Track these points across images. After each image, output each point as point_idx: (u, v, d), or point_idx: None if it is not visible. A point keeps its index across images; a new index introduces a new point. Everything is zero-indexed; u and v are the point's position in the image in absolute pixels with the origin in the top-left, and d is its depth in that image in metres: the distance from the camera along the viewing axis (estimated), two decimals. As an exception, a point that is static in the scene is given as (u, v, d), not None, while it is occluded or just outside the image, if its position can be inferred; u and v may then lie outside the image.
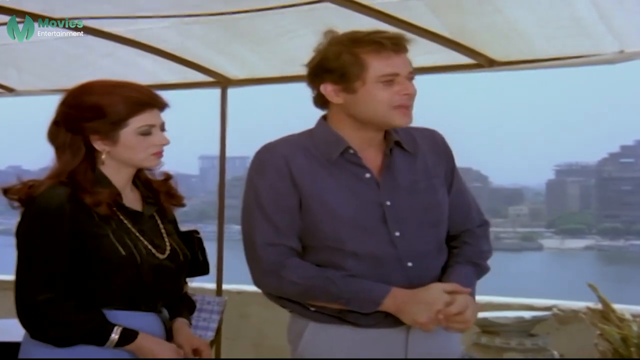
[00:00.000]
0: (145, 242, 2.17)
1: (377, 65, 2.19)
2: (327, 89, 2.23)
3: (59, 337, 2.07)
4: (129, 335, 2.09)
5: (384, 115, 2.21)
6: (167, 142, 2.20)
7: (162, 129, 2.20)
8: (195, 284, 2.32)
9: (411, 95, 2.21)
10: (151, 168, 2.25)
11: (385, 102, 2.20)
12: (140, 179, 2.27)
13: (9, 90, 5.79)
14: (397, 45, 2.20)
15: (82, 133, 2.13)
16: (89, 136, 2.14)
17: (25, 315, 2.08)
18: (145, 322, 2.15)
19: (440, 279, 2.24)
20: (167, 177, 2.31)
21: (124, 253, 2.10)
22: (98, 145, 2.14)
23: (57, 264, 2.07)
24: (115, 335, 2.08)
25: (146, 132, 2.15)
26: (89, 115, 2.12)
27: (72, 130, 2.14)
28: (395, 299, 2.14)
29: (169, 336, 2.22)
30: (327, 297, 2.17)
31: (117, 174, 2.18)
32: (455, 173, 2.38)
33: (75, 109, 2.14)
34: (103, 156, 2.15)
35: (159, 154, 2.20)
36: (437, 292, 2.13)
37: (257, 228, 2.20)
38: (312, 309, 2.22)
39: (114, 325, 2.09)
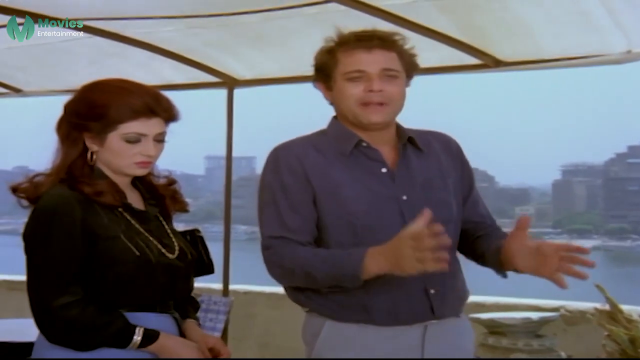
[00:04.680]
0: (155, 242, 2.14)
1: (344, 62, 2.22)
2: (319, 87, 2.31)
3: (82, 342, 2.02)
4: (150, 336, 2.06)
5: (353, 112, 2.24)
6: (152, 154, 2.12)
7: (158, 139, 2.13)
8: (201, 284, 2.31)
9: (377, 92, 2.20)
10: (133, 175, 2.18)
11: (352, 99, 2.22)
12: (143, 183, 2.24)
13: (16, 91, 5.80)
14: (367, 42, 2.21)
15: (77, 128, 2.11)
16: (83, 132, 2.11)
17: (45, 320, 2.02)
18: (160, 323, 2.12)
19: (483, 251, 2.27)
20: (171, 181, 2.28)
21: (138, 253, 2.07)
22: (88, 142, 2.12)
23: (73, 265, 2.02)
24: (137, 337, 2.04)
25: (133, 140, 2.09)
26: (90, 112, 2.09)
27: (70, 123, 2.12)
28: (376, 258, 2.06)
29: (182, 337, 2.19)
30: (320, 283, 2.16)
31: (111, 175, 2.15)
32: (473, 179, 2.42)
33: (81, 104, 2.12)
34: (90, 155, 2.12)
35: (144, 164, 2.14)
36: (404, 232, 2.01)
37: (265, 221, 2.23)
38: (325, 290, 2.20)
39: (136, 326, 2.05)
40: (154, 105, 2.10)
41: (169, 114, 2.14)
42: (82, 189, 2.06)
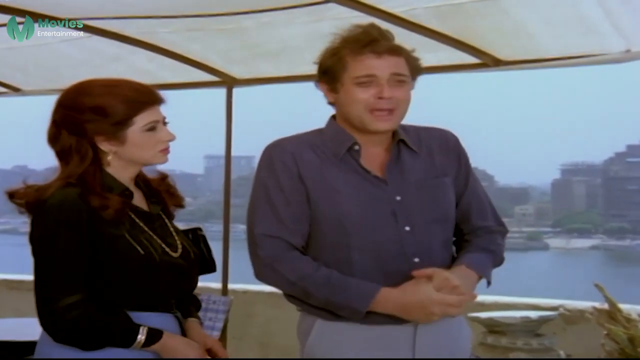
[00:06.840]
0: (159, 241, 2.15)
1: (354, 66, 2.20)
2: (322, 88, 2.28)
3: (86, 341, 2.03)
4: (154, 335, 2.07)
5: (360, 118, 2.22)
6: (173, 138, 2.18)
7: (164, 123, 2.18)
8: (201, 283, 2.31)
9: (388, 99, 2.19)
10: (159, 164, 2.22)
11: (361, 105, 2.20)
12: (140, 180, 2.25)
13: (15, 90, 5.80)
14: (376, 47, 2.18)
15: (86, 135, 2.10)
16: (94, 137, 2.11)
17: (50, 320, 2.03)
18: (162, 322, 2.13)
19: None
20: (163, 176, 2.29)
21: (142, 252, 2.08)
22: (104, 146, 2.12)
23: (78, 265, 2.03)
24: (141, 337, 2.05)
25: (152, 129, 2.13)
26: (90, 116, 2.09)
27: (75, 133, 2.10)
28: (385, 303, 2.15)
29: (184, 337, 2.19)
30: (315, 302, 2.20)
31: (123, 174, 2.16)
32: (470, 173, 2.39)
33: (75, 111, 2.11)
34: (109, 157, 2.13)
35: (166, 150, 2.18)
36: (425, 290, 2.13)
37: (257, 220, 2.23)
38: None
39: (139, 325, 2.06)
40: (149, 93, 2.15)
41: (160, 99, 2.17)
42: (90, 200, 2.05)
